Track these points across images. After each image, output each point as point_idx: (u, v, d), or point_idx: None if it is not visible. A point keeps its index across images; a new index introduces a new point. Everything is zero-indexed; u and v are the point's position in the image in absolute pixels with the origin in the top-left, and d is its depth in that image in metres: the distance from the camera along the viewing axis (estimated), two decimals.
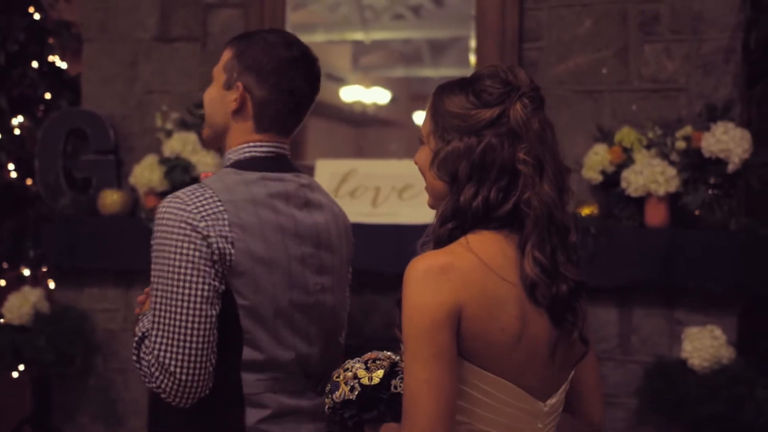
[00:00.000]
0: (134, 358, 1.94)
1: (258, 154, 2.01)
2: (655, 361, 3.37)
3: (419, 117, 4.73)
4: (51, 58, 4.59)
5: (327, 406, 1.76)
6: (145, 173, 3.92)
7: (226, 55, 2.04)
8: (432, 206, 1.72)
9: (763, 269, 3.34)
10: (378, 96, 4.88)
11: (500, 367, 1.56)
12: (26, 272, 4.51)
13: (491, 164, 1.59)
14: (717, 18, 3.51)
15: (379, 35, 4.50)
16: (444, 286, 1.52)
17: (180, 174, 3.83)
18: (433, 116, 1.67)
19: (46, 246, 4.18)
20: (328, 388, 1.77)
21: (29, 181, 4.54)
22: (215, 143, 2.09)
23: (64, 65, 4.63)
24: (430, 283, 1.53)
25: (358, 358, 1.78)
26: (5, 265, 4.57)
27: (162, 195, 3.92)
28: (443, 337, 1.51)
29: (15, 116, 4.51)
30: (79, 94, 4.41)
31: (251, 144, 2.01)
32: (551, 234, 1.59)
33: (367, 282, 3.69)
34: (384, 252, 3.60)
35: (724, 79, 3.51)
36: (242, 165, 2.00)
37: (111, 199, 4.01)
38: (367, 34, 4.46)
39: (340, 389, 1.74)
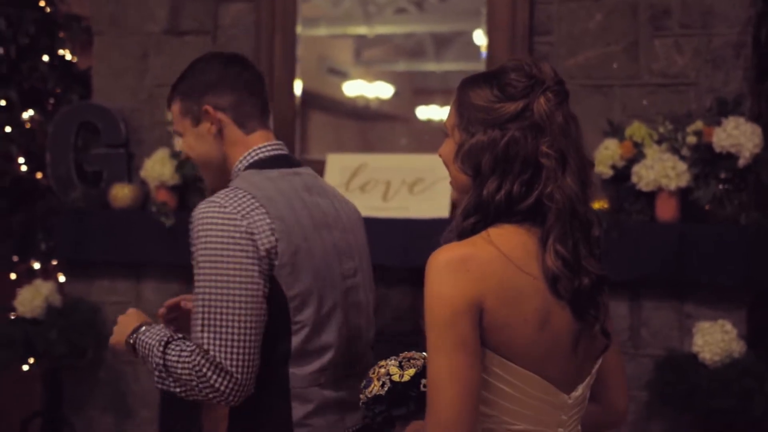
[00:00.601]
0: (161, 365, 1.96)
1: (266, 155, 2.08)
2: (666, 354, 3.38)
3: (422, 111, 4.74)
4: (61, 52, 4.60)
5: (360, 401, 1.80)
6: (156, 167, 3.93)
7: (175, 106, 2.13)
8: (456, 199, 1.74)
9: None
10: (381, 90, 4.89)
11: (524, 358, 1.58)
12: (36, 265, 4.53)
13: (514, 157, 1.60)
14: (727, 12, 3.52)
15: (382, 29, 4.51)
16: (464, 277, 1.54)
17: (191, 168, 3.83)
18: (458, 109, 1.69)
19: (56, 239, 4.19)
20: (362, 384, 1.81)
21: (39, 175, 4.55)
22: (226, 181, 2.10)
23: (74, 59, 4.64)
24: (450, 275, 1.55)
25: (393, 357, 1.81)
26: (15, 258, 4.58)
27: (173, 189, 3.93)
28: (464, 327, 1.53)
29: (25, 110, 4.51)
30: (88, 88, 4.41)
31: (254, 149, 2.08)
32: (574, 228, 1.61)
33: (378, 276, 3.69)
34: (394, 246, 3.61)
35: (734, 73, 3.51)
36: (257, 166, 2.05)
37: (122, 193, 4.02)
38: (370, 28, 4.47)
39: (372, 385, 1.77)
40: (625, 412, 1.86)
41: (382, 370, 1.78)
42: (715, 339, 3.22)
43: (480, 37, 4.25)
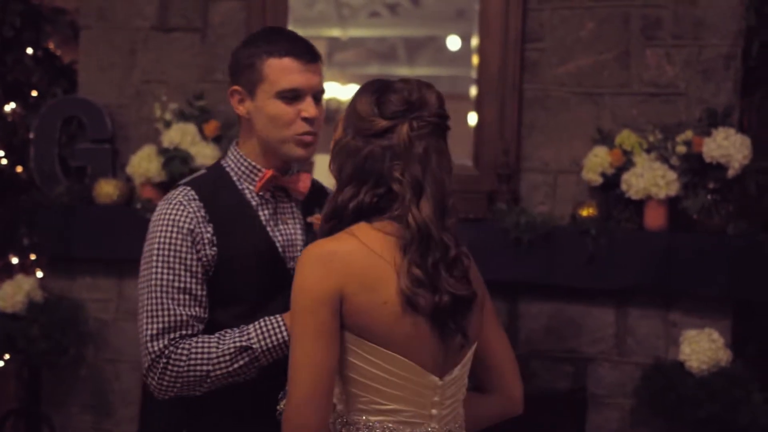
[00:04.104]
0: None
1: None
2: (652, 362, 3.40)
3: None
4: (45, 45, 4.54)
5: (277, 412, 1.89)
6: (143, 163, 3.89)
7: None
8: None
9: (758, 274, 3.38)
10: (353, 93, 4.90)
11: (387, 340, 1.68)
12: (14, 260, 4.45)
13: (370, 171, 1.72)
14: (718, 24, 3.55)
15: (355, 32, 4.51)
16: (327, 269, 1.68)
17: (178, 165, 3.80)
18: (348, 107, 1.81)
19: (40, 234, 4.12)
20: (280, 395, 1.90)
21: (19, 169, 4.49)
22: None
23: (58, 52, 4.58)
24: (315, 268, 1.69)
25: None
26: None
27: (159, 186, 3.89)
28: (323, 315, 1.66)
29: (7, 102, 4.45)
30: (72, 82, 4.36)
31: None
32: (431, 249, 1.70)
33: None
34: None
35: (724, 85, 3.54)
36: None
37: (107, 189, 3.97)
38: (343, 30, 4.46)
39: None
40: (521, 399, 1.93)
41: None
42: (702, 347, 3.24)
43: (453, 43, 4.28)
